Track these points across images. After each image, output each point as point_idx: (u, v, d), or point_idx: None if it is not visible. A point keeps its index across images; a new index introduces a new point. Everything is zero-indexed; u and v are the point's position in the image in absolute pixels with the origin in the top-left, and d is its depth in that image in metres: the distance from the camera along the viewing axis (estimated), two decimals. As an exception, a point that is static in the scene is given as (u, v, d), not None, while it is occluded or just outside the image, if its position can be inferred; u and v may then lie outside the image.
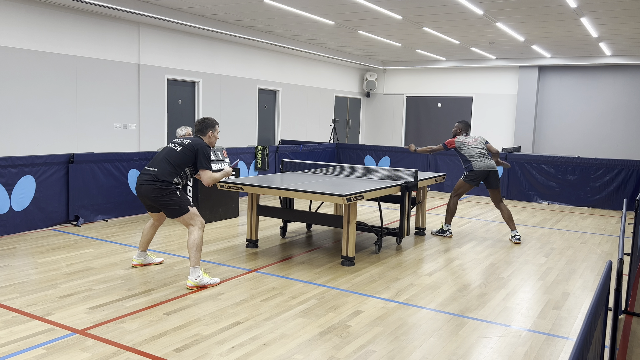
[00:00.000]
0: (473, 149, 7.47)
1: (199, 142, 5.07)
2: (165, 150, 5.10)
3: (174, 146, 5.08)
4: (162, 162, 4.96)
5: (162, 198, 4.88)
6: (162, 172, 4.90)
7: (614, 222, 8.96)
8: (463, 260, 6.21)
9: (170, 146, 5.12)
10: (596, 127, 16.24)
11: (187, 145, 5.03)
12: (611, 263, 2.66)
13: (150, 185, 4.88)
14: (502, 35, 12.39)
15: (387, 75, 19.34)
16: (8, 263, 5.49)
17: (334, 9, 10.16)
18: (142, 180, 4.95)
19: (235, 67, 13.55)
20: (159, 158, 5.03)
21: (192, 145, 5.01)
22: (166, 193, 4.88)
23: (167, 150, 5.06)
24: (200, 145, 5.03)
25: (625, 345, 3.94)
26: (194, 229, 4.94)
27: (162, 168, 4.92)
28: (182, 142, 5.08)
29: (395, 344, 3.82)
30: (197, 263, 4.89)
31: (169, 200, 4.90)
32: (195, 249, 4.88)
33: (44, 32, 9.39)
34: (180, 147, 5.04)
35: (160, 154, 5.09)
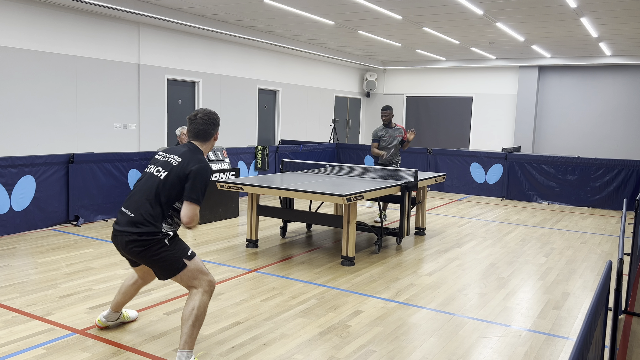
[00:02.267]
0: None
1: (197, 160, 3.38)
2: (144, 180, 3.44)
3: (158, 172, 3.39)
4: (142, 200, 3.34)
5: (147, 253, 3.31)
6: (143, 216, 3.29)
7: (614, 222, 8.96)
8: (463, 260, 6.21)
9: (151, 172, 3.44)
10: (596, 127, 16.24)
11: (177, 167, 3.34)
12: (611, 263, 2.66)
13: (128, 238, 3.29)
14: (502, 35, 12.39)
15: (387, 75, 19.34)
16: (8, 263, 5.49)
17: (334, 9, 10.16)
18: (117, 231, 3.37)
19: (235, 67, 13.55)
20: (138, 194, 3.39)
21: (186, 166, 3.33)
22: (153, 248, 3.30)
23: (149, 181, 3.39)
24: (198, 167, 3.33)
25: (625, 345, 3.94)
26: (197, 292, 3.36)
27: (142, 211, 3.31)
28: (169, 162, 3.39)
29: (395, 344, 3.82)
30: (192, 345, 3.30)
31: (158, 255, 3.32)
32: (192, 322, 3.28)
33: (44, 32, 9.39)
34: (166, 171, 3.35)
35: (139, 186, 3.46)
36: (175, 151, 3.47)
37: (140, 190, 3.39)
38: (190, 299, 3.34)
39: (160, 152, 3.56)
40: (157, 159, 3.50)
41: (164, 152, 3.53)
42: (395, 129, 8.28)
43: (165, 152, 3.52)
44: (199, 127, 3.50)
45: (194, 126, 3.51)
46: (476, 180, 11.45)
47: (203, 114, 3.53)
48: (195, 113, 3.55)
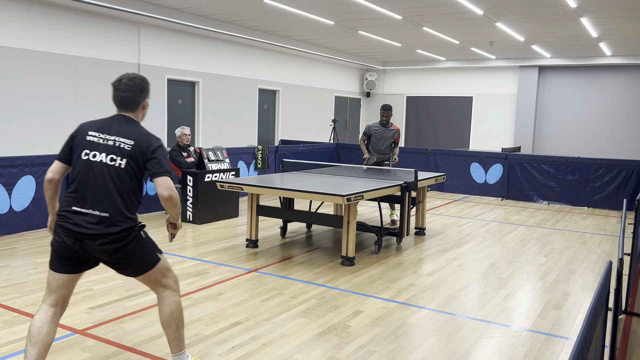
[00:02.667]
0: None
1: (149, 136, 3.08)
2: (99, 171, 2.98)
3: (113, 160, 2.99)
4: (111, 195, 2.95)
5: (125, 250, 2.98)
6: (120, 213, 2.96)
7: (614, 222, 8.96)
8: (463, 260, 6.21)
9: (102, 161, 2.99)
10: (596, 127, 16.24)
11: (134, 151, 3.00)
12: (611, 263, 2.66)
13: (104, 239, 2.91)
14: (502, 35, 12.39)
15: (387, 75, 19.34)
16: (8, 263, 5.49)
17: (334, 9, 10.16)
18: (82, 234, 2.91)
19: (235, 67, 13.55)
20: (101, 189, 2.95)
21: (145, 146, 3.01)
22: (132, 243, 3.00)
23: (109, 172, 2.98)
24: (156, 143, 3.06)
25: (625, 345, 3.94)
26: (169, 293, 3.15)
27: (118, 207, 2.96)
28: (120, 148, 3.00)
29: (395, 344, 3.82)
30: (183, 346, 3.21)
31: (135, 249, 3.02)
32: (176, 326, 3.16)
33: (44, 32, 9.39)
34: (124, 158, 2.99)
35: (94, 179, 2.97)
36: (114, 131, 3.04)
37: (102, 185, 2.95)
38: (164, 303, 3.13)
39: (90, 132, 3.04)
40: (94, 142, 3.01)
41: (97, 132, 3.04)
42: (389, 129, 8.14)
43: (98, 132, 3.04)
44: (123, 95, 3.12)
45: (118, 94, 3.13)
46: (476, 180, 11.45)
47: (127, 79, 3.13)
48: (120, 78, 3.15)
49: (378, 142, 8.14)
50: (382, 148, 8.15)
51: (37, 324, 2.93)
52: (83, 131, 3.07)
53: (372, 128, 8.16)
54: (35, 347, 2.89)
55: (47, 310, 2.99)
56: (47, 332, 2.93)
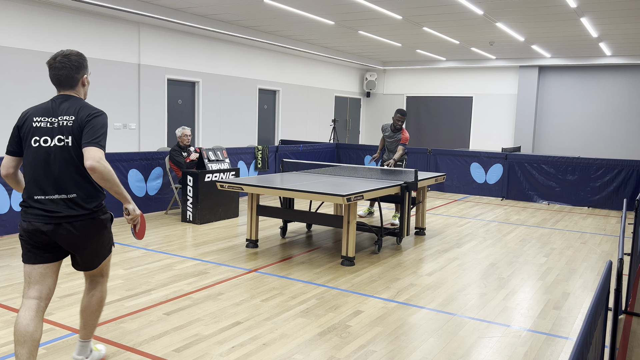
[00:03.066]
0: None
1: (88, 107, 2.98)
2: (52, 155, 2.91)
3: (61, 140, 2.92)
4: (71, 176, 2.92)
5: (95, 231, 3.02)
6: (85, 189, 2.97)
7: (614, 222, 8.96)
8: (463, 260, 6.21)
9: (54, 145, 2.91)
10: (596, 127, 16.24)
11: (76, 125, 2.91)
12: (611, 263, 2.66)
13: (78, 220, 2.93)
14: (502, 35, 12.39)
15: (387, 75, 19.34)
16: (8, 263, 5.49)
17: (334, 9, 10.16)
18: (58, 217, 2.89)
19: (235, 67, 13.55)
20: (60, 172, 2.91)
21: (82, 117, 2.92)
22: (101, 225, 3.05)
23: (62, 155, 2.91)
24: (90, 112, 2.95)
25: (625, 345, 3.94)
26: (103, 282, 3.26)
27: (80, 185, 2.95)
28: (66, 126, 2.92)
29: (395, 344, 3.82)
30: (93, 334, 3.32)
31: (102, 232, 3.07)
32: (99, 312, 3.26)
33: (44, 32, 9.39)
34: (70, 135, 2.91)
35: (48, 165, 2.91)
36: (58, 111, 2.95)
37: (59, 167, 2.90)
38: (96, 289, 3.19)
39: (35, 118, 2.95)
40: (42, 127, 2.93)
41: (42, 116, 2.95)
42: (398, 134, 8.39)
43: (42, 115, 2.95)
44: (59, 73, 2.98)
45: (54, 72, 2.99)
46: (476, 180, 11.45)
47: (62, 56, 2.98)
48: (54, 56, 3.00)
49: (390, 144, 8.51)
50: (392, 148, 8.49)
51: (23, 322, 2.84)
52: (28, 119, 2.97)
53: (384, 128, 8.52)
54: (25, 347, 2.81)
55: (30, 304, 2.89)
56: (35, 329, 2.85)
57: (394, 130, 8.31)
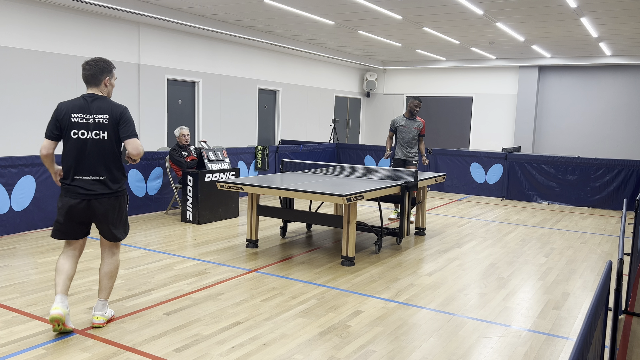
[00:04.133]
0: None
1: (115, 105, 3.83)
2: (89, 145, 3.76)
3: (97, 135, 3.77)
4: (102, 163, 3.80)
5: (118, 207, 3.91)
6: (113, 175, 3.85)
7: (614, 222, 8.96)
8: (463, 260, 6.21)
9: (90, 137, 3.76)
10: (596, 127, 16.24)
11: (111, 124, 3.77)
12: (611, 263, 2.66)
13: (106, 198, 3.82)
14: (502, 35, 12.39)
15: (387, 75, 19.34)
16: (8, 263, 5.49)
17: (334, 9, 10.16)
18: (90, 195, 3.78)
19: (235, 67, 13.55)
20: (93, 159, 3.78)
21: (116, 117, 3.78)
22: (123, 202, 3.96)
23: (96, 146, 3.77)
24: (122, 111, 3.82)
25: (625, 345, 3.94)
26: (117, 254, 4.07)
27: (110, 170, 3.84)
28: (101, 123, 3.76)
29: (395, 344, 3.82)
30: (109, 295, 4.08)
31: (123, 208, 3.96)
32: (115, 277, 4.05)
33: (44, 32, 9.39)
34: (105, 131, 3.77)
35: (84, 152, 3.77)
36: (90, 109, 3.76)
37: (94, 155, 3.77)
38: (112, 258, 4.01)
39: (73, 114, 3.74)
40: (80, 122, 3.74)
41: (78, 113, 3.75)
42: (414, 121, 8.38)
43: (78, 112, 3.75)
44: (86, 73, 3.81)
45: (83, 72, 3.82)
46: (476, 180, 11.45)
47: (92, 60, 3.82)
48: (87, 61, 3.82)
49: (403, 135, 8.37)
50: (408, 140, 8.35)
51: (61, 261, 3.86)
52: (66, 113, 3.75)
53: (397, 121, 8.44)
54: (61, 275, 3.81)
55: (68, 253, 3.90)
56: (70, 266, 3.86)
57: (410, 117, 8.35)
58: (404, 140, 8.39)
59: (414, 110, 8.34)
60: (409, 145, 8.37)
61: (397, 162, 8.52)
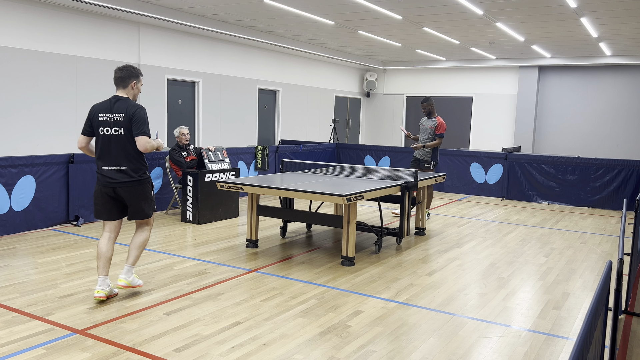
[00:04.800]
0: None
1: (131, 106, 4.39)
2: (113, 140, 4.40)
3: (116, 131, 4.39)
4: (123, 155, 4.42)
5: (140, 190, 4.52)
6: (132, 165, 4.45)
7: (614, 222, 8.96)
8: (463, 260, 6.21)
9: (111, 133, 4.40)
10: (596, 127, 16.24)
11: (126, 121, 4.37)
12: (611, 263, 2.66)
13: (129, 184, 4.46)
14: (502, 35, 12.39)
15: (387, 75, 19.34)
16: (8, 263, 5.49)
17: (334, 9, 10.16)
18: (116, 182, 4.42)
19: (235, 67, 13.55)
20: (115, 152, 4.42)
21: (129, 115, 4.36)
22: (145, 186, 4.57)
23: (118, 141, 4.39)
24: (134, 110, 4.37)
25: (625, 345, 3.94)
26: (148, 229, 4.72)
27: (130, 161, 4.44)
28: (119, 121, 4.38)
29: (395, 344, 3.82)
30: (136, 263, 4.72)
31: (146, 192, 4.57)
32: (143, 248, 4.69)
33: (44, 32, 9.39)
34: (122, 127, 4.37)
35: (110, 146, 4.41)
36: (113, 109, 4.41)
37: (115, 147, 4.40)
38: (143, 233, 4.66)
39: (100, 114, 4.42)
40: (105, 121, 4.41)
41: (104, 112, 4.42)
42: (431, 120, 8.55)
43: (104, 112, 4.42)
44: (117, 76, 4.48)
45: (115, 76, 4.49)
46: (476, 180, 11.45)
47: (123, 66, 4.53)
48: (118, 66, 4.52)
49: (421, 133, 8.60)
50: (424, 138, 8.55)
51: (100, 245, 4.49)
52: (95, 113, 4.44)
53: (421, 120, 8.68)
54: (101, 259, 4.45)
55: (106, 235, 4.53)
56: (107, 249, 4.47)
57: (427, 116, 8.56)
58: (421, 139, 8.63)
59: (423, 113, 8.60)
60: (422, 149, 8.55)
61: (414, 160, 8.74)
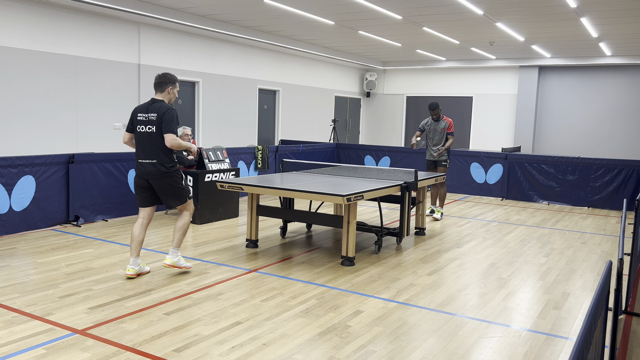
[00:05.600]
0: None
1: (163, 107, 4.99)
2: (146, 136, 5.03)
3: (150, 129, 5.01)
4: (154, 149, 5.01)
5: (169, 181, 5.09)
6: (161, 158, 5.02)
7: (614, 222, 8.96)
8: (463, 260, 6.21)
9: (145, 130, 5.04)
10: (596, 127, 16.24)
11: (157, 121, 4.97)
12: (611, 263, 2.66)
13: (158, 175, 5.05)
14: (502, 35, 12.39)
15: (387, 75, 19.34)
16: (8, 263, 5.49)
17: (334, 9, 10.16)
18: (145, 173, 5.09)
19: (235, 67, 13.55)
20: (148, 146, 5.04)
21: (160, 115, 4.96)
22: (174, 177, 5.11)
23: (150, 137, 5.01)
24: (164, 111, 4.96)
25: (625, 345, 3.94)
26: (187, 214, 5.28)
27: (159, 155, 5.01)
28: (152, 120, 4.99)
29: (395, 344, 3.82)
30: (180, 245, 5.30)
31: (175, 183, 5.12)
32: (183, 231, 5.24)
33: (44, 32, 9.39)
34: (154, 126, 4.99)
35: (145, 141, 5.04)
36: (149, 109, 5.03)
37: (148, 143, 5.03)
38: (183, 218, 5.23)
39: (138, 114, 5.07)
40: (142, 120, 5.05)
41: (142, 112, 5.06)
42: (441, 122, 8.66)
43: (141, 112, 5.06)
44: (156, 81, 5.14)
45: (155, 81, 5.14)
46: (476, 180, 11.45)
47: (162, 73, 5.16)
48: (158, 73, 5.17)
49: (431, 136, 8.69)
50: (436, 140, 8.66)
51: (134, 229, 5.16)
52: (135, 113, 5.11)
53: (426, 123, 8.77)
54: (134, 242, 5.12)
55: (139, 221, 5.20)
56: (139, 233, 5.14)
57: (436, 120, 8.67)
58: (432, 142, 8.71)
59: (433, 118, 8.69)
60: (436, 144, 8.66)
61: (428, 163, 8.86)
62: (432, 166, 8.80)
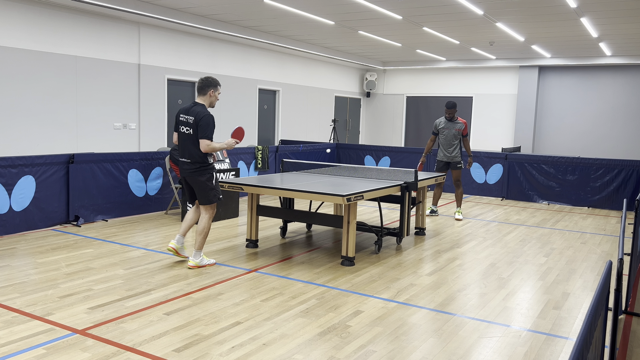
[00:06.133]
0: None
1: (201, 112, 5.29)
2: (184, 137, 5.39)
3: (187, 130, 5.35)
4: (190, 149, 5.36)
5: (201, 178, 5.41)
6: (194, 158, 5.37)
7: (614, 222, 8.96)
8: (463, 260, 6.21)
9: (184, 131, 5.39)
10: (596, 127, 16.24)
11: (194, 123, 5.29)
12: (611, 263, 2.66)
13: (192, 172, 5.42)
14: (502, 35, 12.39)
15: (387, 75, 19.34)
16: (8, 263, 5.49)
17: (334, 9, 10.16)
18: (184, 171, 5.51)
19: (235, 67, 13.55)
20: (185, 146, 5.40)
21: (197, 119, 5.27)
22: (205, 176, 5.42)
23: (187, 138, 5.36)
24: (202, 116, 5.26)
25: (625, 345, 3.94)
26: (208, 216, 5.57)
27: (193, 155, 5.36)
28: (189, 122, 5.32)
29: (395, 344, 3.82)
30: (202, 247, 5.56)
31: (205, 184, 5.44)
32: (204, 234, 5.52)
33: (44, 32, 9.39)
34: (191, 128, 5.31)
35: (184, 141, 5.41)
36: (189, 112, 5.38)
37: (186, 143, 5.38)
38: (203, 219, 5.49)
39: (180, 115, 5.43)
40: (182, 121, 5.41)
41: (183, 114, 5.42)
42: (456, 123, 8.61)
43: (183, 114, 5.42)
44: (198, 85, 5.47)
45: (197, 85, 5.49)
46: (476, 180, 11.45)
47: (204, 77, 5.48)
48: (201, 77, 5.50)
49: (445, 136, 8.60)
50: (450, 140, 8.58)
51: (188, 212, 5.70)
52: (179, 114, 5.46)
53: (439, 124, 8.68)
54: (185, 222, 5.66)
55: (192, 208, 5.68)
56: (192, 216, 5.65)
57: (450, 120, 8.62)
58: (444, 142, 8.62)
59: (447, 117, 8.61)
60: (450, 144, 8.59)
61: (439, 164, 8.72)
62: (444, 167, 8.67)
